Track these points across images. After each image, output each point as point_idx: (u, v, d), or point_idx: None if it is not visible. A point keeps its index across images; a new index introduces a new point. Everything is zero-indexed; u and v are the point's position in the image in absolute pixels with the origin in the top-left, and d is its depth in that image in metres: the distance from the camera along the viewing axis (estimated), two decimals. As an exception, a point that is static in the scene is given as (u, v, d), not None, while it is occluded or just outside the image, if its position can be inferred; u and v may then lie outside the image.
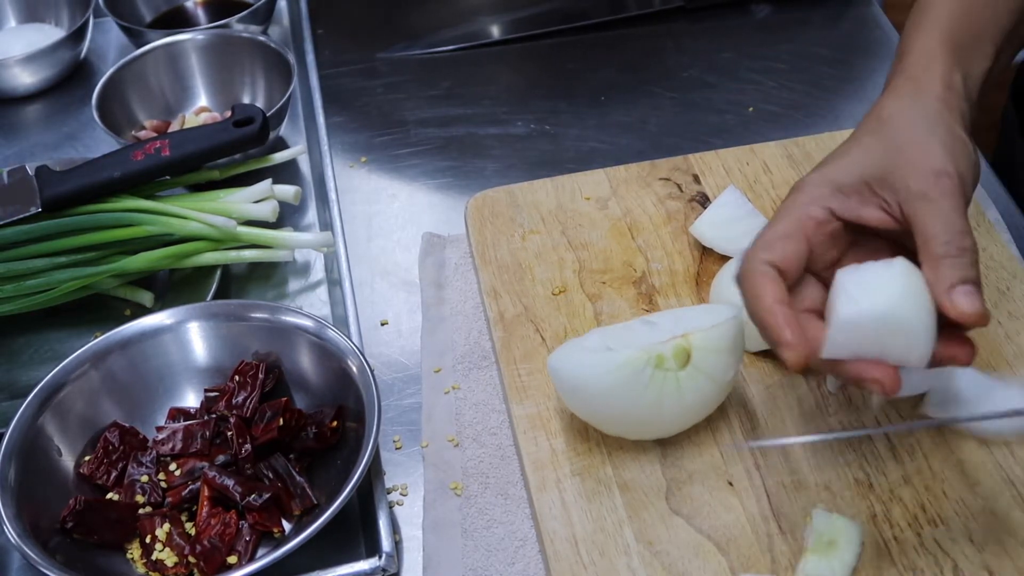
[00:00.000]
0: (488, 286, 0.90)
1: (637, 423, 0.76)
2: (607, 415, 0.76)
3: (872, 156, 0.72)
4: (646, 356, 0.74)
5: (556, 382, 0.77)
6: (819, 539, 0.71)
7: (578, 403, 0.77)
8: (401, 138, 1.12)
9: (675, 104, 1.13)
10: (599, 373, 0.74)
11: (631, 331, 0.79)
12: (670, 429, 0.77)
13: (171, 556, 0.76)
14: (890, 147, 0.71)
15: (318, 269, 0.99)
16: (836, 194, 0.72)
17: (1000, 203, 0.96)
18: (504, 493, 0.79)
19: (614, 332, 0.79)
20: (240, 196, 0.96)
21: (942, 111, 0.73)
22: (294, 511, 0.78)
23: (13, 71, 1.17)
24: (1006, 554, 0.71)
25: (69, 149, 1.14)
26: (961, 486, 0.74)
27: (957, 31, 0.76)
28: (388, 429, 0.85)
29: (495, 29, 1.24)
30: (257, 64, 1.13)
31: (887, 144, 0.72)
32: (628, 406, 0.74)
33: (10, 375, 0.93)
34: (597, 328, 0.82)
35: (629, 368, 0.73)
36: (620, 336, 0.78)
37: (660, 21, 1.23)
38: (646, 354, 0.74)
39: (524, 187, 0.98)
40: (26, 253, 0.93)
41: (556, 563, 0.73)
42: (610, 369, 0.74)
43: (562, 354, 0.77)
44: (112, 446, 0.81)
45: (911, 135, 0.71)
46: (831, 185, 0.72)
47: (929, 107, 0.73)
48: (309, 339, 0.83)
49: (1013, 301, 0.85)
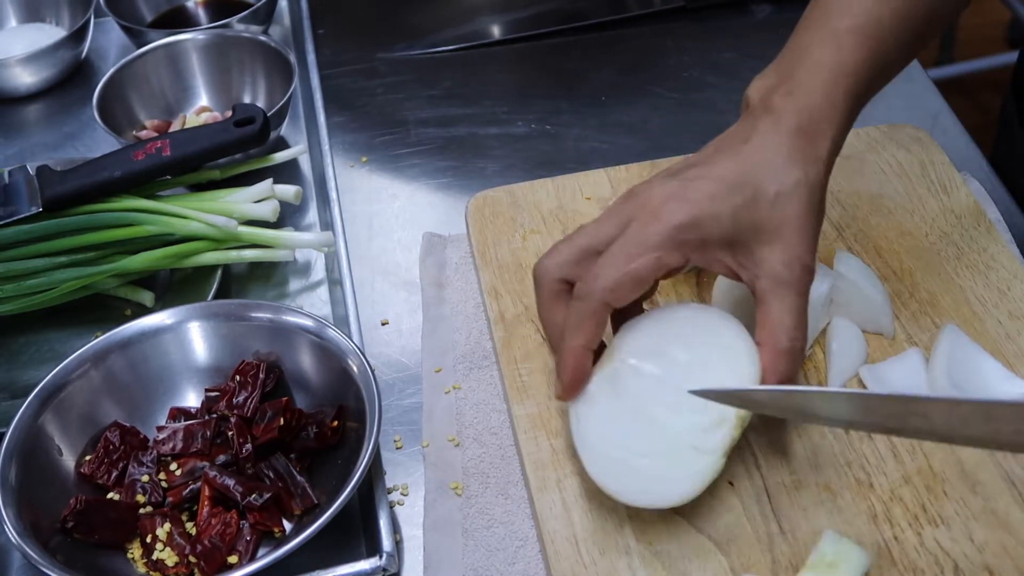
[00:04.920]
0: (489, 286, 0.90)
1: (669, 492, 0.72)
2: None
3: (749, 218, 0.71)
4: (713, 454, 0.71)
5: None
6: (821, 559, 0.70)
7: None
8: (402, 138, 1.12)
9: (676, 104, 1.13)
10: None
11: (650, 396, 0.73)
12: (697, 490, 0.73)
13: (172, 556, 0.76)
14: (769, 218, 0.70)
15: (319, 269, 0.99)
16: (700, 246, 0.71)
17: (1000, 203, 0.96)
18: (505, 493, 0.79)
19: (629, 393, 0.73)
20: (241, 196, 0.96)
21: (824, 185, 0.73)
22: (295, 511, 0.78)
23: (14, 71, 1.17)
24: (1006, 554, 0.71)
25: (70, 149, 1.14)
26: (961, 486, 0.74)
27: (863, 83, 0.75)
28: (388, 429, 0.85)
29: (495, 29, 1.24)
30: (258, 64, 1.13)
31: (768, 212, 0.70)
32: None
33: (10, 375, 0.93)
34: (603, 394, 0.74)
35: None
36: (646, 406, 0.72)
37: (660, 21, 1.23)
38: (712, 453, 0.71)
39: (525, 187, 0.98)
40: (26, 253, 0.93)
41: (557, 563, 0.73)
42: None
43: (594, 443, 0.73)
44: (113, 446, 0.81)
45: (794, 211, 0.71)
46: (698, 234, 0.70)
47: (817, 178, 0.72)
48: (310, 339, 0.83)
49: (1013, 301, 0.85)
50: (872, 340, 0.83)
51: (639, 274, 0.70)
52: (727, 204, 0.71)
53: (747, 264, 0.71)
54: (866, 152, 0.97)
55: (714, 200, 0.71)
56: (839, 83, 0.74)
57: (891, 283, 0.86)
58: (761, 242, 0.71)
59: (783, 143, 0.72)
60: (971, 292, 0.85)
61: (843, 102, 0.73)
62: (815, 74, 0.74)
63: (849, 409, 0.65)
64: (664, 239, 0.70)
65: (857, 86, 0.74)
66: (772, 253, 0.71)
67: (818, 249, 0.89)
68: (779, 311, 0.70)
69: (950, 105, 1.10)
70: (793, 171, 0.71)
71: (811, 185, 0.71)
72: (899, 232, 0.90)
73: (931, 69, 2.49)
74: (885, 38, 0.75)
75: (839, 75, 0.74)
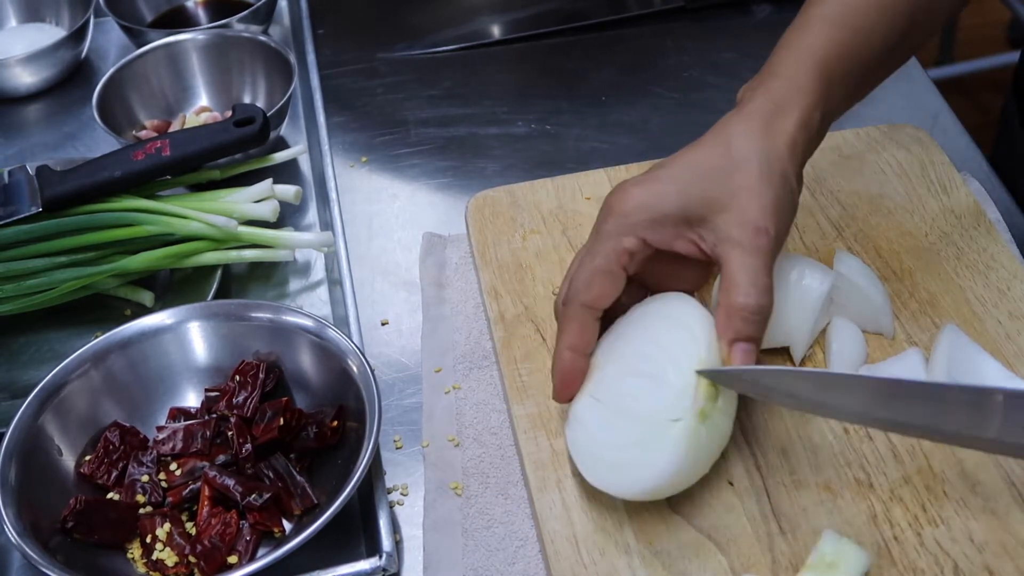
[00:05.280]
0: (489, 286, 0.90)
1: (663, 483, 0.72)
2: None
3: (701, 191, 0.72)
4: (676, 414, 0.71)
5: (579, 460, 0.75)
6: (821, 559, 0.70)
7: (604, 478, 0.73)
8: (402, 138, 1.12)
9: (676, 104, 1.13)
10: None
11: (625, 385, 0.74)
12: (689, 481, 0.74)
13: (171, 556, 0.76)
14: (722, 187, 0.72)
15: (318, 269, 0.99)
16: (652, 225, 0.72)
17: (1000, 203, 0.96)
18: (505, 493, 0.79)
19: (612, 394, 0.74)
20: (241, 196, 0.96)
21: (786, 157, 0.73)
22: (294, 511, 0.78)
23: (14, 71, 1.17)
24: (1006, 554, 0.71)
25: (69, 149, 1.14)
26: (961, 486, 0.74)
27: (829, 61, 0.76)
28: (388, 429, 0.85)
29: (495, 29, 1.24)
30: (258, 64, 1.13)
31: (720, 183, 0.72)
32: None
33: (10, 375, 0.93)
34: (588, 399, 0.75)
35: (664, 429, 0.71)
36: (622, 398, 0.73)
37: (660, 21, 1.23)
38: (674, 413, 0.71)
39: (525, 187, 0.98)
40: (26, 253, 0.93)
41: (557, 563, 0.73)
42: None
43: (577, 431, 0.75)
44: (112, 446, 0.81)
45: (746, 179, 0.72)
46: (648, 213, 0.72)
47: (775, 150, 0.73)
48: (310, 339, 0.83)
49: (1013, 301, 0.85)
50: (872, 340, 0.83)
51: (603, 266, 0.73)
52: (676, 182, 0.73)
53: (706, 236, 0.73)
54: (866, 152, 0.97)
55: (664, 181, 0.73)
56: (803, 62, 0.75)
57: (891, 283, 0.86)
58: (715, 212, 0.72)
59: (740, 124, 0.74)
60: (971, 292, 0.85)
61: (807, 81, 0.74)
62: (782, 58, 0.76)
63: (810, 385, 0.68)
64: (618, 227, 0.73)
65: (824, 65, 0.75)
66: (727, 220, 0.72)
67: (818, 249, 0.89)
68: (733, 270, 0.71)
69: (950, 105, 1.10)
70: (747, 143, 0.73)
71: (767, 156, 0.72)
72: (899, 232, 0.90)
73: (931, 69, 2.49)
74: (855, 24, 0.77)
75: (804, 55, 0.75)
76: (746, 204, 0.71)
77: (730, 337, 0.71)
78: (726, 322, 0.71)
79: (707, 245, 0.73)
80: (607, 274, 0.73)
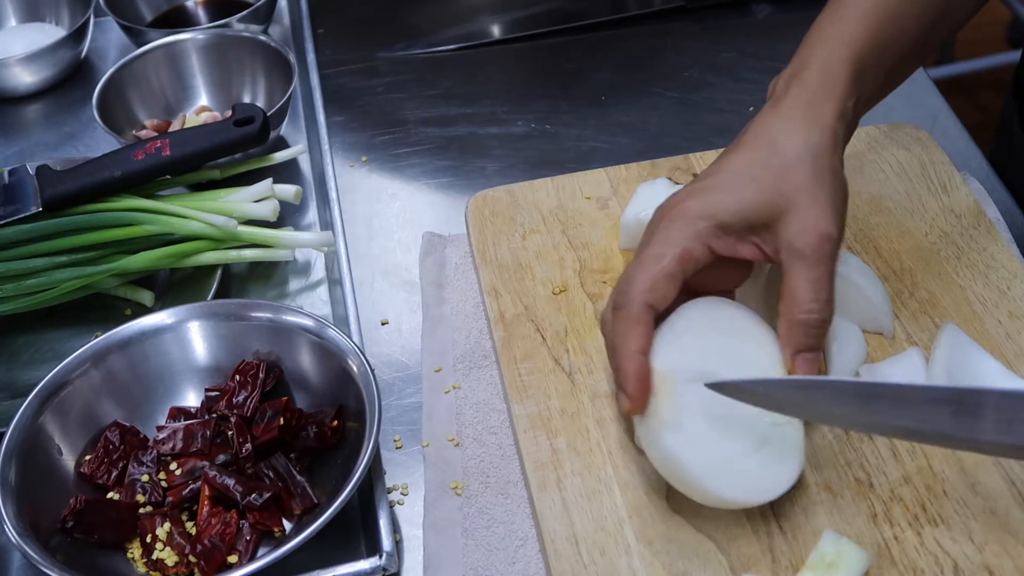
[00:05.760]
0: (489, 285, 0.90)
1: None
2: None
3: (759, 198, 0.72)
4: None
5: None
6: (820, 559, 0.70)
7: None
8: (402, 137, 1.12)
9: (675, 104, 1.13)
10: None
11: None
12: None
13: (172, 555, 0.76)
14: (778, 192, 0.71)
15: (318, 269, 0.99)
16: (718, 232, 0.72)
17: (1000, 203, 0.96)
18: (504, 492, 0.79)
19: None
20: (241, 195, 0.96)
21: (831, 147, 0.73)
22: (294, 510, 0.78)
23: (13, 71, 1.17)
24: (1006, 554, 0.71)
25: (69, 149, 1.14)
26: (961, 486, 0.74)
27: (862, 50, 0.75)
28: (388, 428, 0.85)
29: (495, 29, 1.24)
30: (258, 63, 1.13)
31: (776, 187, 0.71)
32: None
33: (10, 375, 0.93)
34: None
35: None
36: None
37: (660, 21, 1.23)
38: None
39: (524, 187, 0.98)
40: (26, 253, 0.93)
41: (557, 562, 0.73)
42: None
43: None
44: (113, 445, 0.81)
45: (801, 180, 0.71)
46: (714, 221, 0.72)
47: (821, 142, 0.72)
48: (310, 338, 0.83)
49: (1013, 301, 0.85)
50: (872, 340, 0.83)
51: (669, 270, 0.72)
52: (730, 191, 0.72)
53: (769, 241, 0.72)
54: (866, 152, 0.97)
55: (718, 191, 0.73)
56: (836, 51, 0.75)
57: (891, 283, 0.86)
58: (775, 217, 0.72)
59: (781, 122, 0.73)
60: (971, 292, 0.85)
61: (842, 71, 0.74)
62: (814, 48, 0.76)
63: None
64: (685, 234, 0.72)
65: (857, 55, 0.75)
66: (787, 226, 0.71)
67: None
68: (797, 284, 0.71)
69: (950, 105, 1.10)
70: (792, 141, 0.72)
71: (815, 151, 0.72)
72: (899, 232, 0.91)
73: (931, 69, 2.49)
74: (888, 14, 0.76)
75: (837, 45, 0.75)
76: (804, 208, 0.71)
77: (793, 349, 0.71)
78: (788, 334, 0.71)
79: (770, 249, 0.73)
80: (670, 277, 0.72)
